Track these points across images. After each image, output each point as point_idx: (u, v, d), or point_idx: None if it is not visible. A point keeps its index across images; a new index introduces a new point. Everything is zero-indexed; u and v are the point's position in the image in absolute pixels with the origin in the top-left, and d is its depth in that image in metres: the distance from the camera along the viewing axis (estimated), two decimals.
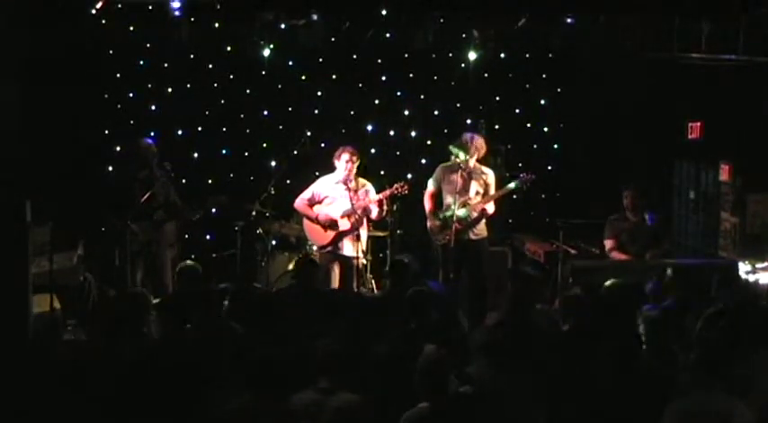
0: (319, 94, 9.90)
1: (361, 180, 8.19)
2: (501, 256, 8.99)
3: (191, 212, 8.26)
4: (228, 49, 9.52)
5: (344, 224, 8.09)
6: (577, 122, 10.04)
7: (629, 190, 8.18)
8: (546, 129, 10.26)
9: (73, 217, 8.13)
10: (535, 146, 10.26)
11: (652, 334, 5.29)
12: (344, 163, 8.03)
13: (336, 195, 8.13)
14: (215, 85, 9.74)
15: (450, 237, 7.72)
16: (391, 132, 10.04)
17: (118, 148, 9.46)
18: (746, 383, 4.41)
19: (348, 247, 8.12)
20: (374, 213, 8.11)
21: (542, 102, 10.21)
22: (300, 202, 8.25)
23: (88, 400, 4.65)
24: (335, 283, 8.06)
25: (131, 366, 4.90)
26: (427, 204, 8.07)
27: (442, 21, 8.98)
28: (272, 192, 8.49)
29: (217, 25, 8.89)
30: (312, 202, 8.21)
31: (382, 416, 4.48)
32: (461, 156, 7.83)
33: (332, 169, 8.20)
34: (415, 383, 4.32)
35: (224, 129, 9.87)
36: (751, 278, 7.57)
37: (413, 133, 10.06)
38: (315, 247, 8.32)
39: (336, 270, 8.11)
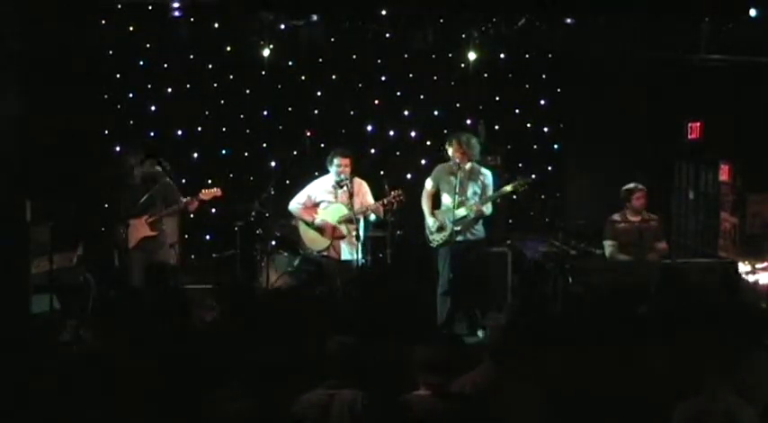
0: (319, 94, 9.89)
1: (357, 179, 8.13)
2: (501, 256, 8.98)
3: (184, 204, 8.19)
4: (228, 49, 9.51)
5: (342, 228, 8.05)
6: (578, 122, 10.03)
7: (641, 190, 8.12)
8: (546, 129, 10.26)
9: (73, 217, 8.12)
10: (535, 146, 10.26)
11: None
12: (336, 167, 7.98)
13: (332, 199, 8.09)
14: (215, 85, 9.74)
15: (447, 237, 7.72)
16: (391, 132, 10.03)
17: (118, 148, 9.46)
18: (751, 385, 4.42)
19: (346, 251, 8.09)
20: (373, 217, 8.09)
21: (542, 102, 10.21)
22: (296, 206, 8.17)
23: (88, 400, 4.65)
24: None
25: (132, 366, 4.89)
26: (425, 204, 8.05)
27: (441, 21, 8.98)
28: (272, 192, 8.49)
29: (217, 25, 8.88)
30: (307, 206, 8.16)
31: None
32: (449, 150, 7.84)
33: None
34: None
35: (224, 129, 9.86)
36: (751, 278, 7.57)
37: (413, 133, 10.05)
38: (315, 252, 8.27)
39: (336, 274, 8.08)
